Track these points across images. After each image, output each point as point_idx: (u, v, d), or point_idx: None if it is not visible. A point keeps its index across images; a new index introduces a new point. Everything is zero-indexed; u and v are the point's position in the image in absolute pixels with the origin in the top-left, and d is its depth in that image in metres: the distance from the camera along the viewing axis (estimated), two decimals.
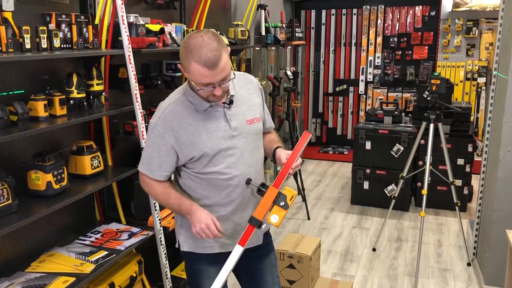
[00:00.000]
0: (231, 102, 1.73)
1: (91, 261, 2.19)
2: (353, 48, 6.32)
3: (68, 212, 2.47)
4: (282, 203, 1.62)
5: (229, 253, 1.71)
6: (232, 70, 1.65)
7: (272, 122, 1.99)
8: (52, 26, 2.12)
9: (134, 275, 2.53)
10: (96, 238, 2.44)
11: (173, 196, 1.75)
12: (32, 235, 2.26)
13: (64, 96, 2.15)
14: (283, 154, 1.80)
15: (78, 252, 2.27)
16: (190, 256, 1.86)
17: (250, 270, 1.93)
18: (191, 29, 3.18)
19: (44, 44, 2.03)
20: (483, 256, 3.18)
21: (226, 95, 1.73)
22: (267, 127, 1.96)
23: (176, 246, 1.92)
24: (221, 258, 1.76)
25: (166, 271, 2.62)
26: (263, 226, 1.64)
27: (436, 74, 3.29)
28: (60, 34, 2.12)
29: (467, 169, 4.44)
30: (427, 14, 5.91)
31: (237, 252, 1.67)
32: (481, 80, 5.81)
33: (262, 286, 1.93)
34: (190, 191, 1.80)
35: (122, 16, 2.31)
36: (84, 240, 2.42)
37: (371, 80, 6.27)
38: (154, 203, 2.53)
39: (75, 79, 2.23)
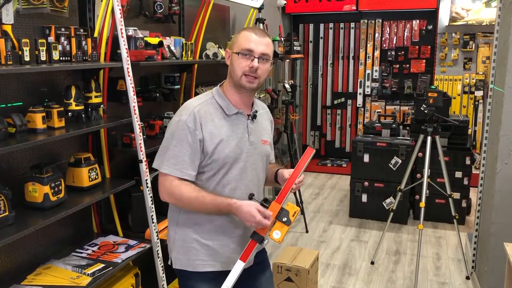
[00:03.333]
0: (254, 116, 1.78)
1: (88, 274, 2.18)
2: (351, 61, 6.36)
3: (65, 224, 2.46)
4: (284, 219, 1.61)
5: (221, 271, 1.71)
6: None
7: (273, 157, 2.00)
8: (51, 39, 2.14)
9: None
10: (93, 251, 2.43)
11: (208, 198, 1.65)
12: (28, 247, 2.25)
13: (62, 108, 2.16)
14: (285, 171, 1.80)
15: (74, 265, 2.26)
16: (183, 273, 1.81)
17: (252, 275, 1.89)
18: (190, 42, 3.20)
19: (43, 57, 2.04)
20: (482, 270, 3.17)
21: (251, 108, 1.79)
22: (271, 159, 1.96)
23: (169, 263, 1.87)
24: (213, 276, 1.75)
25: (163, 284, 2.60)
26: (265, 242, 1.63)
27: (433, 87, 3.32)
28: (59, 47, 2.14)
29: (465, 182, 4.44)
30: (424, 28, 5.97)
31: (238, 267, 1.64)
32: (478, 93, 5.84)
33: None
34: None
35: (121, 29, 2.33)
36: (81, 252, 2.40)
37: (369, 93, 6.30)
38: (152, 216, 2.52)
39: (73, 91, 2.24)
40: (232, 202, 1.64)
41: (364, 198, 4.61)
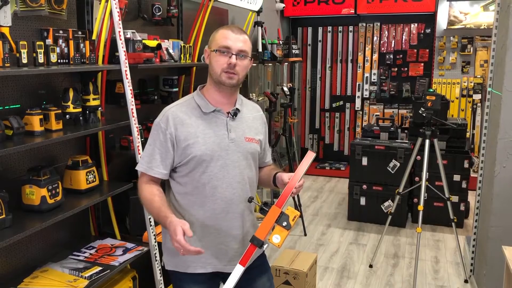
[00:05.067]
0: (235, 114, 1.79)
1: (85, 277, 2.17)
2: (349, 64, 6.37)
3: (63, 227, 2.45)
4: (284, 223, 1.59)
5: (213, 273, 1.73)
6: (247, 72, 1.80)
7: (270, 158, 2.01)
8: (49, 41, 2.14)
9: None
10: (90, 254, 2.41)
11: (156, 199, 1.68)
12: (25, 250, 2.24)
13: (60, 111, 2.15)
14: (284, 175, 1.77)
15: (71, 268, 2.25)
16: (175, 275, 1.83)
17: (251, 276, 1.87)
18: (188, 45, 3.20)
19: (41, 59, 2.04)
20: (480, 273, 3.16)
21: (233, 105, 1.81)
22: (266, 161, 1.97)
23: (162, 264, 1.88)
24: (205, 278, 1.77)
25: (161, 287, 2.59)
26: (265, 246, 1.62)
27: (431, 90, 3.32)
28: (57, 49, 2.14)
29: (464, 185, 4.44)
30: (422, 31, 5.98)
31: (237, 272, 1.62)
32: (477, 96, 5.85)
33: None
34: (175, 202, 1.79)
35: (119, 31, 2.33)
36: (78, 255, 2.39)
37: (367, 96, 6.30)
38: (149, 219, 2.51)
39: (71, 94, 2.24)
40: (168, 215, 1.61)
41: (363, 201, 4.61)
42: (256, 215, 1.99)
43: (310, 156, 1.74)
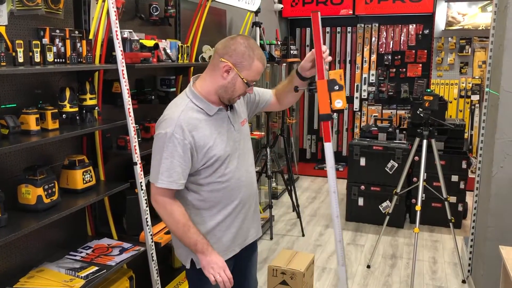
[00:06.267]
0: (231, 107, 1.86)
1: (81, 276, 2.16)
2: (348, 65, 6.37)
3: (59, 227, 2.45)
4: (336, 87, 1.66)
5: (230, 259, 1.88)
6: None
7: (270, 91, 2.11)
8: (46, 40, 2.13)
9: None
10: (87, 254, 2.41)
11: (192, 230, 1.76)
12: (21, 250, 2.23)
13: (56, 110, 2.15)
14: (303, 62, 1.81)
15: (68, 268, 2.24)
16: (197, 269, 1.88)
17: (241, 268, 2.01)
18: (186, 45, 3.20)
19: (37, 58, 2.03)
20: (478, 273, 3.16)
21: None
22: (269, 96, 2.06)
23: (187, 266, 1.88)
24: (229, 261, 1.88)
25: (158, 287, 2.58)
26: (334, 115, 1.74)
27: (429, 90, 3.32)
28: (54, 49, 2.13)
29: (462, 186, 4.44)
30: (420, 32, 5.99)
31: (329, 151, 1.74)
32: (475, 97, 5.86)
33: (249, 279, 2.10)
34: (196, 205, 1.83)
35: (116, 31, 2.32)
36: (75, 255, 2.39)
37: (365, 97, 6.31)
38: (146, 218, 2.51)
39: (68, 93, 2.23)
40: (209, 247, 1.77)
41: (361, 201, 4.61)
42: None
43: (315, 16, 1.70)
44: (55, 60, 2.14)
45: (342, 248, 1.91)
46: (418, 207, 3.21)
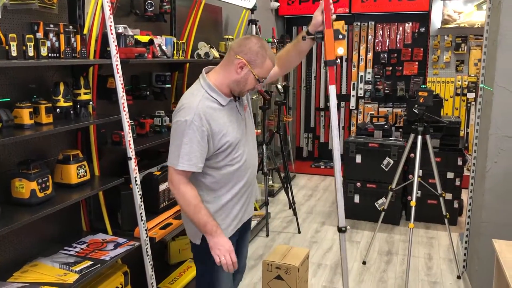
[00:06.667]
0: (239, 97, 2.04)
1: (75, 271, 2.16)
2: (344, 63, 6.38)
3: (54, 222, 2.45)
4: (340, 36, 1.87)
5: (234, 235, 2.07)
6: None
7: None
8: (39, 35, 2.13)
9: (120, 286, 2.49)
10: (81, 249, 2.41)
11: (203, 212, 1.91)
12: (15, 244, 2.23)
13: (50, 104, 2.15)
14: (313, 21, 1.96)
15: (62, 262, 2.24)
16: None
17: (236, 247, 2.10)
18: (181, 41, 3.20)
19: (30, 52, 2.03)
20: (473, 269, 3.17)
21: None
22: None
23: (198, 242, 2.03)
24: (232, 238, 2.05)
25: (152, 283, 2.59)
26: (338, 60, 1.91)
27: (423, 86, 3.33)
28: (48, 43, 2.13)
29: (457, 182, 4.45)
30: (416, 30, 6.00)
31: (333, 92, 1.96)
32: (471, 95, 5.87)
33: (241, 257, 2.23)
34: (210, 186, 1.99)
35: (110, 25, 2.33)
36: (69, 250, 2.39)
37: (362, 95, 6.32)
38: (141, 213, 2.51)
39: (62, 87, 2.23)
40: (219, 229, 1.94)
41: (357, 199, 4.62)
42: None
43: None
44: (49, 54, 2.14)
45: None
46: (413, 203, 3.22)
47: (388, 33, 6.12)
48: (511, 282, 1.90)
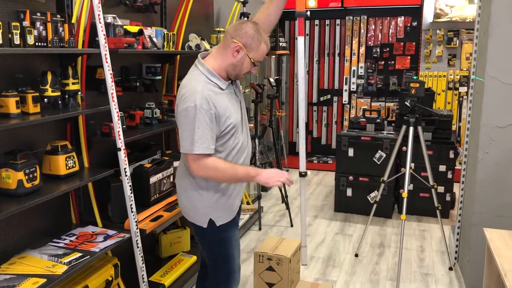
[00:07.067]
0: (234, 81, 2.10)
1: (64, 262, 2.14)
2: (337, 58, 6.37)
3: (43, 214, 2.42)
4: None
5: (238, 213, 2.20)
6: None
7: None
8: (26, 23, 2.10)
9: (110, 278, 2.47)
10: (71, 241, 2.38)
11: (238, 167, 2.02)
12: (3, 237, 2.20)
13: (37, 94, 2.12)
14: None
15: (50, 254, 2.22)
16: (223, 227, 2.11)
17: None
18: (171, 33, 3.17)
19: (17, 41, 2.00)
20: (464, 259, 3.18)
21: None
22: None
23: (205, 226, 2.09)
24: (236, 219, 2.19)
25: (143, 275, 2.56)
26: (308, 12, 2.01)
27: (415, 77, 3.32)
28: (35, 32, 2.09)
29: (449, 175, 4.46)
30: (409, 24, 6.00)
31: (301, 44, 2.17)
32: (463, 89, 5.89)
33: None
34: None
35: (99, 14, 2.29)
36: (58, 242, 2.36)
37: (354, 90, 6.31)
38: (131, 205, 2.48)
39: (49, 77, 2.21)
40: (258, 169, 2.09)
41: (349, 192, 4.61)
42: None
43: None
44: (36, 43, 2.11)
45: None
46: (404, 194, 3.21)
47: (381, 27, 6.11)
48: (501, 269, 1.90)
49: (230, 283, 2.21)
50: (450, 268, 3.45)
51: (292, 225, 4.32)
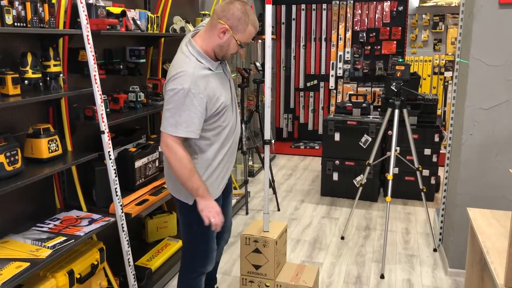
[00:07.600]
0: (222, 61, 2.10)
1: (48, 246, 2.12)
2: (323, 43, 6.36)
3: (26, 199, 2.38)
4: None
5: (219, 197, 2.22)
6: None
7: None
8: (4, 2, 2.04)
9: (96, 263, 2.45)
10: (55, 225, 2.36)
11: (196, 176, 2.00)
12: None
13: (17, 75, 2.07)
14: None
15: (34, 238, 2.19)
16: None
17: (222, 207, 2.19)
18: (155, 15, 3.13)
19: None
20: (448, 240, 3.22)
21: None
22: None
23: (190, 203, 2.10)
24: (219, 199, 2.19)
25: (129, 258, 2.55)
26: None
27: (400, 60, 3.32)
28: (13, 12, 2.04)
29: (434, 159, 4.50)
30: (395, 9, 6.00)
31: (269, 11, 2.37)
32: (448, 74, 5.92)
33: (227, 216, 2.41)
34: (203, 148, 2.06)
35: None
36: (42, 227, 2.33)
37: (341, 75, 6.31)
38: (115, 189, 2.46)
39: (29, 58, 2.16)
40: (208, 194, 2.04)
41: (335, 176, 4.64)
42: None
43: None
44: (15, 24, 2.06)
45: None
46: (390, 176, 3.24)
47: (367, 11, 6.10)
48: (484, 247, 1.93)
49: (207, 261, 2.25)
50: (435, 250, 3.50)
51: (279, 209, 4.34)
